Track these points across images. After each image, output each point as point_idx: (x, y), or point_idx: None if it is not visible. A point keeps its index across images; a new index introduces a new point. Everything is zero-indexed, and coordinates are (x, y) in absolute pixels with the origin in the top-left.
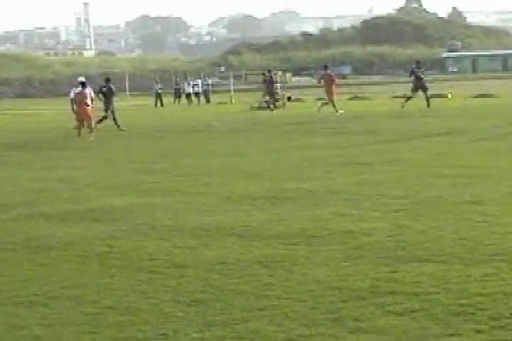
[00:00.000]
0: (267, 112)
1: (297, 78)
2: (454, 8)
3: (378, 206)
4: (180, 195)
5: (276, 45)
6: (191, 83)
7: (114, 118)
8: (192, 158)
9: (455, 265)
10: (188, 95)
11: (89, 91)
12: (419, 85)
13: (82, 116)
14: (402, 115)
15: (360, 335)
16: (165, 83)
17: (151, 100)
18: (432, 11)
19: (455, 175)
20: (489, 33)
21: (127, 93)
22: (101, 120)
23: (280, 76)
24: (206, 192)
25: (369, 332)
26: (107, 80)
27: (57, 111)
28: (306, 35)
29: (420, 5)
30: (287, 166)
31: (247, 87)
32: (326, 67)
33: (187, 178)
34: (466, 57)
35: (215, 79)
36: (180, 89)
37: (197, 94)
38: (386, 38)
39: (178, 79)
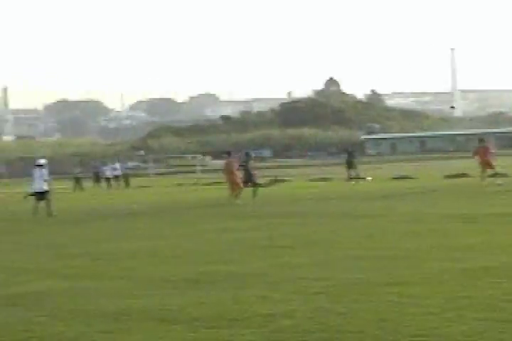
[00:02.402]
0: (185, 196)
1: (217, 161)
2: (373, 90)
3: (299, 288)
4: (102, 279)
5: (195, 129)
6: (111, 167)
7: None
8: (113, 241)
9: None
10: (108, 179)
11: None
12: None
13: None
14: (321, 197)
15: None
16: (85, 167)
17: (70, 184)
18: (350, 94)
19: (376, 257)
20: (407, 115)
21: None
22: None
23: (200, 159)
24: (127, 276)
25: None
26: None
27: None
28: (226, 119)
29: (339, 88)
30: (207, 249)
31: (167, 170)
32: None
33: (108, 262)
34: (384, 139)
35: (135, 163)
36: (99, 172)
37: (116, 177)
38: (305, 121)
39: (97, 163)
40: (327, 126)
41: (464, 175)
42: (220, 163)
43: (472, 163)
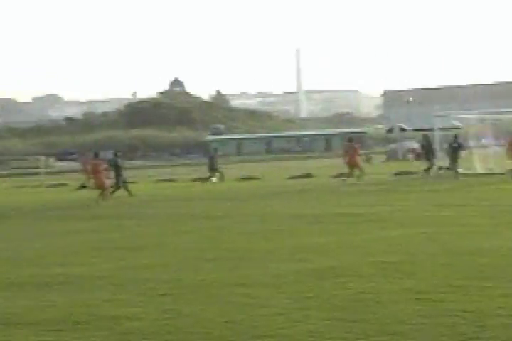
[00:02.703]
0: (29, 198)
1: (61, 163)
2: (218, 91)
3: (145, 290)
4: None
5: (39, 130)
6: None
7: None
8: None
9: None
10: None
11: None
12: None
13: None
14: (167, 199)
15: None
16: None
17: None
18: (195, 94)
19: (222, 258)
20: (253, 116)
21: None
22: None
23: (43, 161)
24: None
25: None
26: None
27: None
28: (70, 120)
29: (183, 88)
30: (53, 251)
31: (10, 172)
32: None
33: None
34: (230, 140)
35: None
36: None
37: None
38: (150, 122)
39: None
40: (172, 127)
41: (308, 175)
42: (63, 164)
43: (316, 163)
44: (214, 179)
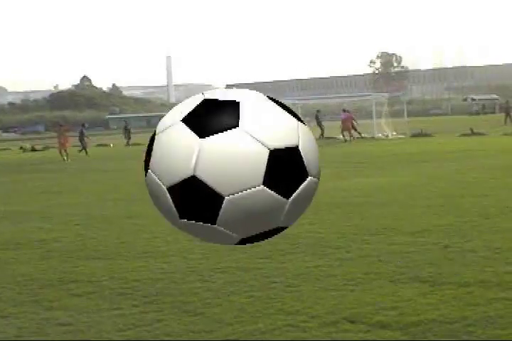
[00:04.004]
0: None
1: (6, 134)
2: (114, 84)
3: (64, 221)
4: None
5: None
6: None
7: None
8: None
9: (118, 260)
10: None
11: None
12: None
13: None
14: (84, 159)
15: (53, 311)
16: None
17: None
18: (98, 86)
19: (119, 199)
20: (138, 102)
21: None
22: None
23: None
24: None
25: (58, 309)
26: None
27: None
28: (11, 104)
29: (90, 82)
30: None
31: None
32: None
33: None
34: (122, 118)
35: None
36: None
37: None
38: (68, 106)
39: None
40: (83, 109)
41: None
42: (8, 135)
43: None
44: (111, 144)
